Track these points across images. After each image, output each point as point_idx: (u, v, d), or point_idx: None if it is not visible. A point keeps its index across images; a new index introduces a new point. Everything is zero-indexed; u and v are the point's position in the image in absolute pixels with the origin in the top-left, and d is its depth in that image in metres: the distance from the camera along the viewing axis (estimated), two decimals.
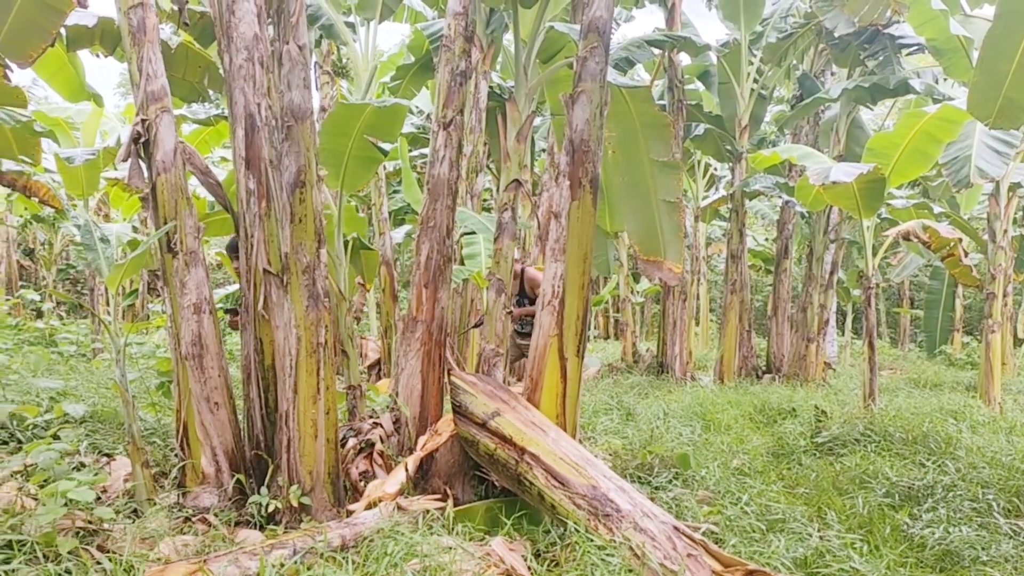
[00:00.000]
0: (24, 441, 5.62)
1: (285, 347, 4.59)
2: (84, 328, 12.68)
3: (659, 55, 12.08)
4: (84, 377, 8.27)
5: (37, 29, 6.36)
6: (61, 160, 8.90)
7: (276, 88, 4.71)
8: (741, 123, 12.86)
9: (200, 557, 3.51)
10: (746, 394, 9.83)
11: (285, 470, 4.54)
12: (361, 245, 6.75)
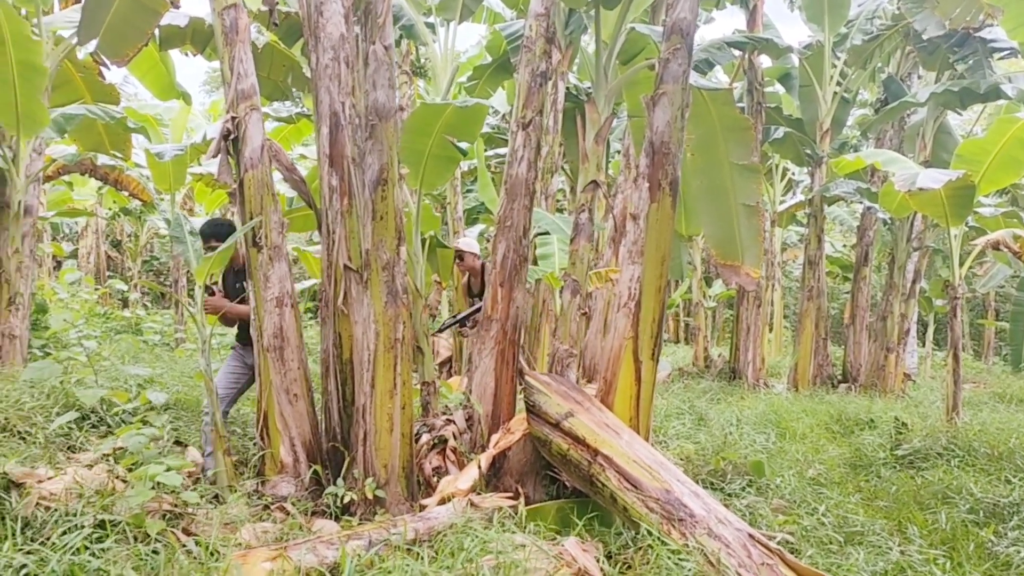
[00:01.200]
0: (113, 426, 5.84)
1: (363, 342, 4.67)
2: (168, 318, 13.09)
3: (739, 57, 11.93)
4: (168, 365, 8.54)
5: (133, 29, 6.62)
6: (151, 155, 9.22)
7: (360, 87, 4.80)
8: (822, 127, 12.61)
9: (280, 544, 3.60)
10: (822, 403, 9.64)
11: (361, 463, 4.62)
12: (437, 243, 6.82)
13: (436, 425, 5.36)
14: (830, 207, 16.23)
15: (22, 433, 5.11)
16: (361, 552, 3.49)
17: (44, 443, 5.02)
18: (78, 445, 5.38)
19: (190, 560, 3.27)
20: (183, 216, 5.05)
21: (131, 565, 3.09)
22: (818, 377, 12.70)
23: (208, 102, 21.84)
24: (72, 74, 8.72)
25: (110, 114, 8.20)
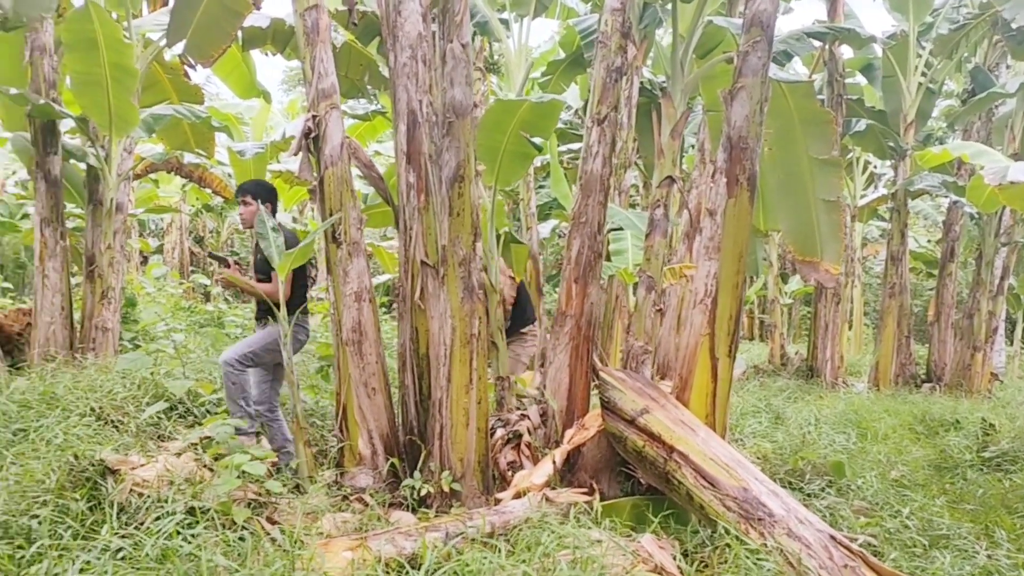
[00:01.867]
0: (199, 416, 6.03)
1: (440, 337, 4.73)
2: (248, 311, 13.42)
3: (819, 48, 11.67)
4: None
5: (218, 31, 6.82)
6: (234, 153, 9.47)
7: (437, 85, 4.86)
8: (906, 119, 12.25)
9: (359, 534, 3.68)
10: (904, 403, 9.39)
11: (437, 456, 4.69)
12: (511, 239, 6.85)
13: (511, 420, 5.40)
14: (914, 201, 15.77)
15: (115, 422, 5.31)
16: (439, 544, 3.54)
17: (136, 432, 5.21)
18: (167, 434, 5.57)
19: (275, 548, 3.36)
20: (266, 212, 5.18)
21: (220, 551, 3.19)
22: (900, 376, 12.36)
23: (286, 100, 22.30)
24: (160, 75, 9.02)
25: (195, 113, 8.46)
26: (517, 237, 7.12)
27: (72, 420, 5.06)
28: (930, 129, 16.77)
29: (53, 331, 7.85)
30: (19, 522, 3.33)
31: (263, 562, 3.17)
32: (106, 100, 7.33)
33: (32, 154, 7.95)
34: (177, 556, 3.07)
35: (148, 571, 2.96)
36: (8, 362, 7.73)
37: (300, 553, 3.24)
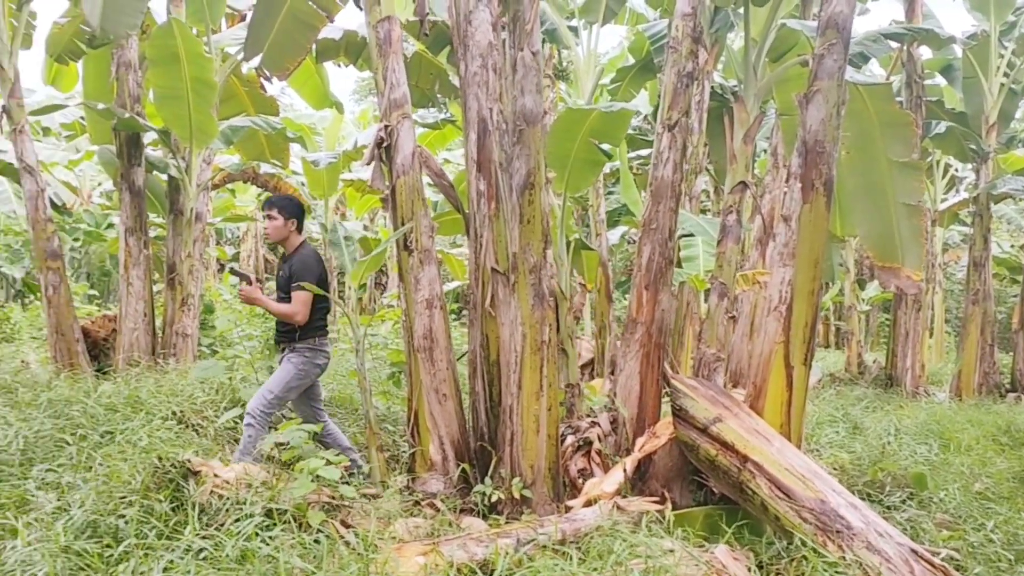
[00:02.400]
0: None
1: (511, 344, 4.75)
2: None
3: (897, 49, 11.38)
4: None
5: (294, 44, 6.98)
6: (307, 163, 9.66)
7: (508, 93, 4.88)
8: (988, 120, 11.86)
9: (432, 539, 3.71)
10: (988, 413, 9.06)
11: (507, 462, 4.70)
12: (581, 245, 6.85)
13: (581, 427, 5.38)
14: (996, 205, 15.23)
15: (195, 426, 5.47)
16: (510, 550, 3.55)
17: (214, 436, 5.35)
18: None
19: (349, 551, 3.41)
20: (337, 221, 5.27)
21: (296, 553, 3.25)
22: (984, 385, 11.94)
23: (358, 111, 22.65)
24: (237, 88, 9.27)
25: (271, 125, 8.67)
26: (587, 243, 7.10)
27: (155, 423, 5.22)
28: (1013, 131, 16.19)
29: (136, 337, 8.12)
30: (107, 521, 3.45)
31: (338, 565, 3.23)
32: (187, 113, 7.56)
33: (117, 166, 8.25)
34: (256, 557, 3.14)
35: (228, 571, 3.04)
36: (95, 366, 8.03)
37: (374, 557, 3.28)
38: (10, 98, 7.71)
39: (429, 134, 12.20)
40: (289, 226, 5.15)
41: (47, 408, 5.46)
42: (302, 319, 4.98)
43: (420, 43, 8.29)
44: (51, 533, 3.22)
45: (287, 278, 5.09)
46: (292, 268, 5.06)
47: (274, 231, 5.19)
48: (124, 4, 6.29)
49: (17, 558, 2.99)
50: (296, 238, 5.24)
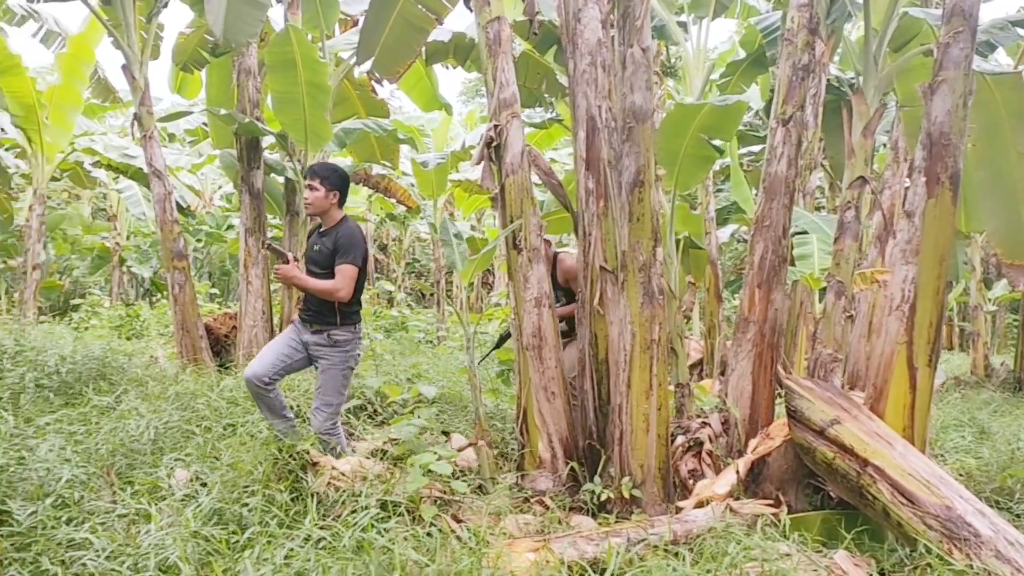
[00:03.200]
0: (386, 416, 6.32)
1: (619, 343, 4.72)
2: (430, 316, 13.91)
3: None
4: (432, 362, 9.08)
5: (404, 47, 7.12)
6: (417, 164, 9.83)
7: (616, 91, 4.86)
8: None
9: (542, 536, 3.73)
10: None
11: (617, 461, 4.68)
12: (691, 244, 6.76)
13: (691, 427, 5.31)
14: None
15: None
16: (620, 550, 3.54)
17: None
18: (357, 433, 5.87)
19: (461, 545, 3.46)
20: (448, 219, 5.35)
21: (410, 546, 3.32)
22: None
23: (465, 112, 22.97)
24: (349, 91, 9.52)
25: (382, 127, 8.87)
26: (697, 242, 7.00)
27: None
28: None
29: (255, 333, 8.43)
30: (232, 510, 3.60)
31: (451, 558, 3.28)
32: (303, 117, 7.82)
33: (238, 169, 8.58)
34: (372, 548, 3.23)
35: (346, 561, 3.13)
36: (217, 362, 8.38)
37: (486, 551, 3.32)
38: (141, 106, 8.12)
39: (536, 133, 12.25)
40: (331, 198, 4.82)
41: (175, 401, 5.74)
42: (346, 295, 4.69)
43: (527, 43, 8.34)
44: (181, 518, 3.38)
45: (330, 252, 4.76)
46: (338, 242, 4.76)
47: (315, 201, 4.82)
48: (245, 13, 6.55)
49: (151, 541, 3.15)
50: (337, 212, 4.91)
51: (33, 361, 6.80)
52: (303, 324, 4.88)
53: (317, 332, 4.80)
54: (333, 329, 4.79)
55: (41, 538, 3.27)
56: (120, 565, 3.04)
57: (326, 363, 4.81)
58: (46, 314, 15.35)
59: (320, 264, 4.80)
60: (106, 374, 6.92)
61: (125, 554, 3.11)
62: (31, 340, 7.68)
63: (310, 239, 5.06)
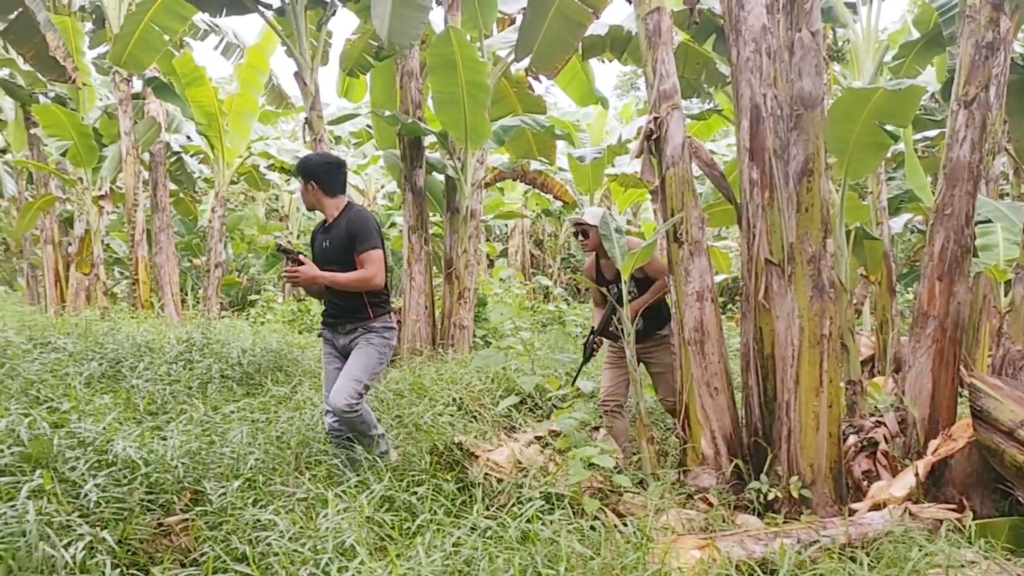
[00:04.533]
0: (545, 410, 6.37)
1: (787, 337, 4.57)
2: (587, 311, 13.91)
3: None
4: None
5: (562, 43, 7.15)
6: (573, 159, 9.88)
7: (783, 77, 4.69)
8: None
9: (707, 534, 3.67)
10: None
11: (784, 460, 4.53)
12: (864, 235, 6.45)
13: (864, 426, 5.08)
14: None
15: (473, 412, 5.77)
16: (790, 551, 3.43)
17: (491, 422, 5.62)
18: (517, 426, 5.95)
19: (625, 539, 3.45)
20: (609, 215, 5.33)
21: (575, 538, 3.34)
22: None
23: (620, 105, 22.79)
24: (507, 89, 9.66)
25: (539, 123, 8.95)
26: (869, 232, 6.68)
27: (438, 408, 5.57)
28: None
29: (419, 328, 8.70)
30: (402, 497, 3.73)
31: (615, 553, 3.27)
32: (463, 116, 7.99)
33: (401, 168, 8.87)
34: (537, 540, 3.27)
35: (512, 551, 3.18)
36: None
37: (651, 547, 3.30)
38: (311, 111, 8.53)
39: (694, 125, 12.03)
40: (311, 190, 4.51)
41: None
42: (381, 281, 4.41)
43: (685, 33, 8.20)
44: (355, 504, 3.53)
45: (343, 244, 4.41)
46: (351, 230, 4.39)
47: (304, 199, 4.62)
48: (408, 17, 6.76)
49: (328, 525, 3.31)
50: (332, 202, 4.54)
51: (218, 353, 7.27)
52: (333, 331, 4.59)
53: (351, 332, 4.53)
54: (368, 323, 4.52)
55: (231, 518, 3.51)
56: (301, 546, 3.20)
57: (363, 342, 4.47)
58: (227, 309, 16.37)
59: (335, 260, 4.45)
60: (282, 366, 7.33)
61: (305, 536, 3.28)
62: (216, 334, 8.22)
63: (314, 242, 4.70)
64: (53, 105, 12.33)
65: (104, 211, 13.23)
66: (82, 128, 12.28)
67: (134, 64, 9.47)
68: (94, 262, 12.98)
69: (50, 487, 3.27)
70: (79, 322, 8.91)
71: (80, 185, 13.23)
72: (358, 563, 2.96)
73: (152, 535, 3.48)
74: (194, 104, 12.78)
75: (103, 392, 5.56)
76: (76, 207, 13.78)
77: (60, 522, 3.11)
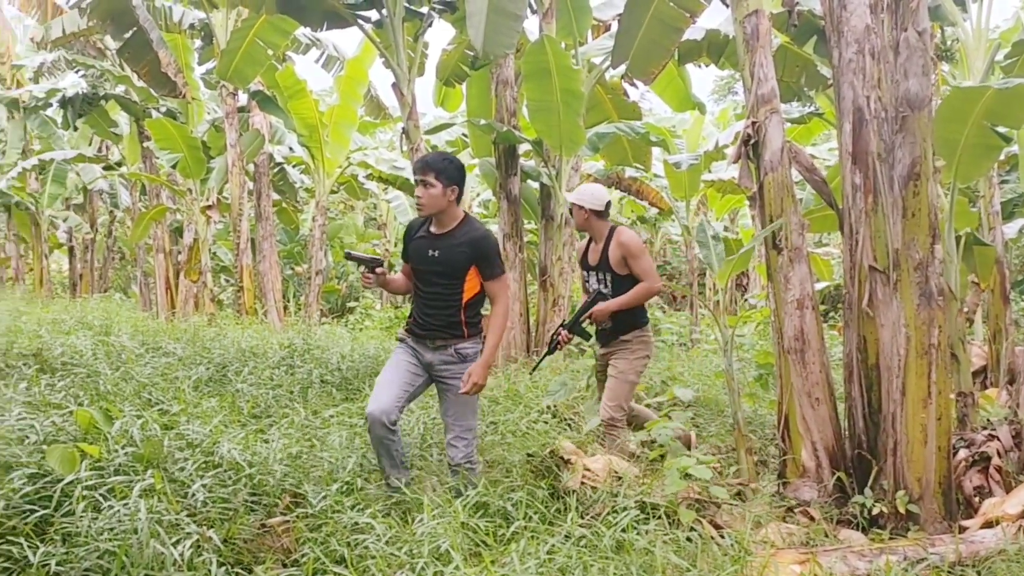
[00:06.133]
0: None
1: (892, 347, 4.42)
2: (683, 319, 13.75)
3: None
4: (686, 365, 8.96)
5: (659, 48, 7.10)
6: (669, 166, 9.78)
7: (888, 79, 4.55)
8: None
9: (808, 549, 3.57)
10: None
11: (890, 474, 4.38)
12: (974, 240, 6.19)
13: (976, 440, 4.86)
14: None
15: (567, 420, 5.76)
16: (893, 567, 3.31)
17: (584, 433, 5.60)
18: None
19: (722, 552, 3.39)
20: (705, 220, 5.26)
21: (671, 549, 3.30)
22: None
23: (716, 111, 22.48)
24: (601, 96, 9.64)
25: (634, 130, 8.91)
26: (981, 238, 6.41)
27: (532, 416, 5.59)
28: None
29: (513, 335, 8.75)
30: (496, 503, 3.75)
31: (712, 565, 3.22)
32: (557, 123, 8.02)
33: (496, 176, 8.96)
34: (632, 549, 3.24)
35: (606, 561, 3.16)
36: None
37: (749, 560, 3.23)
38: (408, 120, 8.69)
39: (794, 129, 11.76)
40: (450, 194, 4.00)
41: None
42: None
43: (784, 35, 8.04)
44: (450, 509, 3.57)
45: (460, 258, 4.06)
46: (480, 249, 4.06)
47: (430, 201, 4.00)
48: (503, 26, 6.81)
49: (424, 530, 3.35)
50: (456, 210, 4.12)
51: (318, 359, 7.47)
52: (419, 341, 4.19)
53: (441, 348, 4.14)
54: (461, 343, 4.15)
55: (330, 521, 3.59)
56: (398, 550, 3.26)
57: (457, 382, 4.11)
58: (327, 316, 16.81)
59: (445, 274, 4.09)
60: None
61: (402, 540, 3.33)
62: (316, 340, 8.44)
63: (413, 242, 4.21)
64: (164, 119, 12.94)
65: (211, 221, 13.78)
66: (191, 141, 12.83)
67: (239, 78, 9.86)
68: (202, 270, 13.52)
69: (160, 487, 3.40)
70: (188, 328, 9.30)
71: (189, 196, 13.82)
72: (453, 568, 2.99)
73: (255, 535, 3.58)
74: (296, 116, 13.18)
75: (210, 396, 5.78)
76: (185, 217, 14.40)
77: (169, 521, 3.24)
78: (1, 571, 3.03)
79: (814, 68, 8.38)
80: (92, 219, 21.32)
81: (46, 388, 5.21)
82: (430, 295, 4.14)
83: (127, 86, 14.27)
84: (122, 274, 26.95)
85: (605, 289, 4.97)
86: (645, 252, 5.02)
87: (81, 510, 3.17)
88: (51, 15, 13.00)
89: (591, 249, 5.24)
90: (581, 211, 5.08)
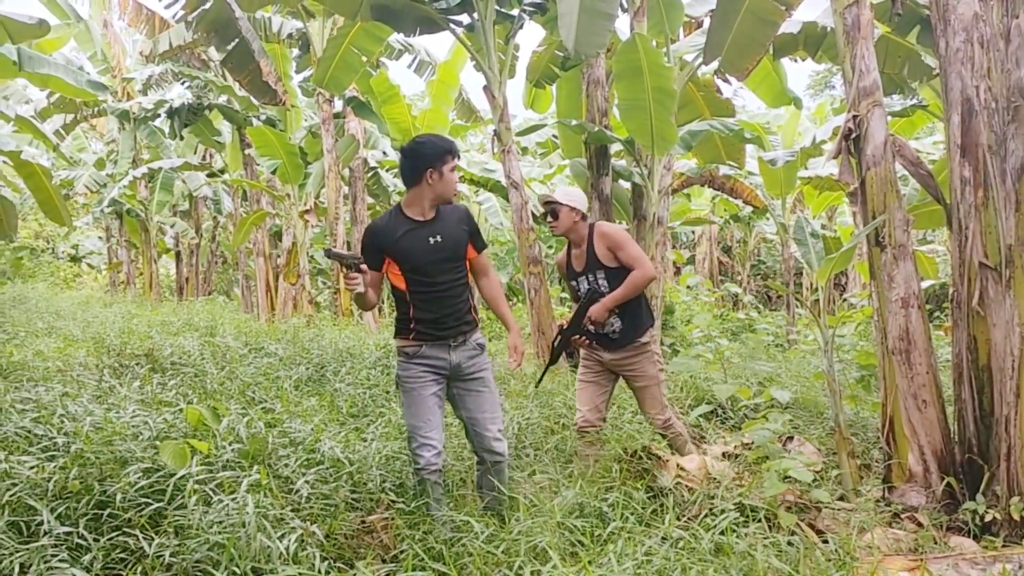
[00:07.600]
0: (736, 420, 6.21)
1: (1005, 347, 4.24)
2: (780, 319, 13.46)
3: None
4: (783, 366, 8.77)
5: (753, 43, 6.97)
6: (763, 163, 9.58)
7: (998, 68, 4.37)
8: None
9: (916, 556, 3.46)
10: None
11: (1003, 479, 4.19)
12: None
13: None
14: None
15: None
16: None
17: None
18: (708, 436, 5.84)
19: (825, 557, 3.31)
20: (803, 217, 5.14)
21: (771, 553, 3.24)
22: None
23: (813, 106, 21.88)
24: (693, 93, 9.51)
25: (727, 127, 8.75)
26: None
27: (626, 416, 5.56)
28: None
29: None
30: (592, 504, 3.75)
31: (815, 570, 3.15)
32: (649, 122, 7.95)
33: (587, 177, 8.92)
34: (732, 552, 3.19)
35: (705, 563, 3.12)
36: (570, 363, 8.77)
37: (855, 565, 3.15)
38: (499, 123, 8.74)
39: (897, 122, 11.37)
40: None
41: (535, 398, 6.09)
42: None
43: (885, 26, 7.80)
44: (547, 509, 3.58)
45: (462, 235, 3.94)
46: (468, 223, 4.01)
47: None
48: (594, 25, 6.79)
49: (521, 528, 3.37)
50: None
51: None
52: (439, 344, 3.87)
53: (462, 344, 3.91)
54: (475, 333, 4.00)
55: (428, 517, 3.65)
56: (495, 548, 3.28)
57: (485, 374, 3.99)
58: None
59: (452, 258, 3.89)
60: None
61: (499, 538, 3.36)
62: None
63: (402, 240, 3.83)
64: (264, 127, 13.36)
65: (309, 225, 14.15)
66: (289, 147, 13.21)
67: (335, 85, 10.10)
68: (300, 273, 13.89)
69: (266, 482, 3.52)
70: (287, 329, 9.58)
71: (288, 201, 14.22)
72: (550, 567, 3.00)
73: (356, 531, 3.67)
74: (389, 121, 13.42)
75: (309, 395, 5.94)
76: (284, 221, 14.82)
77: (275, 515, 3.34)
78: (118, 561, 3.18)
79: (918, 58, 8.09)
80: (197, 224, 22.21)
81: (157, 386, 5.45)
82: (443, 286, 3.85)
83: (229, 96, 14.80)
84: (225, 277, 27.92)
85: (604, 289, 4.71)
86: (630, 239, 4.76)
87: (192, 504, 3.30)
88: (159, 29, 13.57)
89: (574, 256, 4.94)
90: (573, 213, 4.76)
